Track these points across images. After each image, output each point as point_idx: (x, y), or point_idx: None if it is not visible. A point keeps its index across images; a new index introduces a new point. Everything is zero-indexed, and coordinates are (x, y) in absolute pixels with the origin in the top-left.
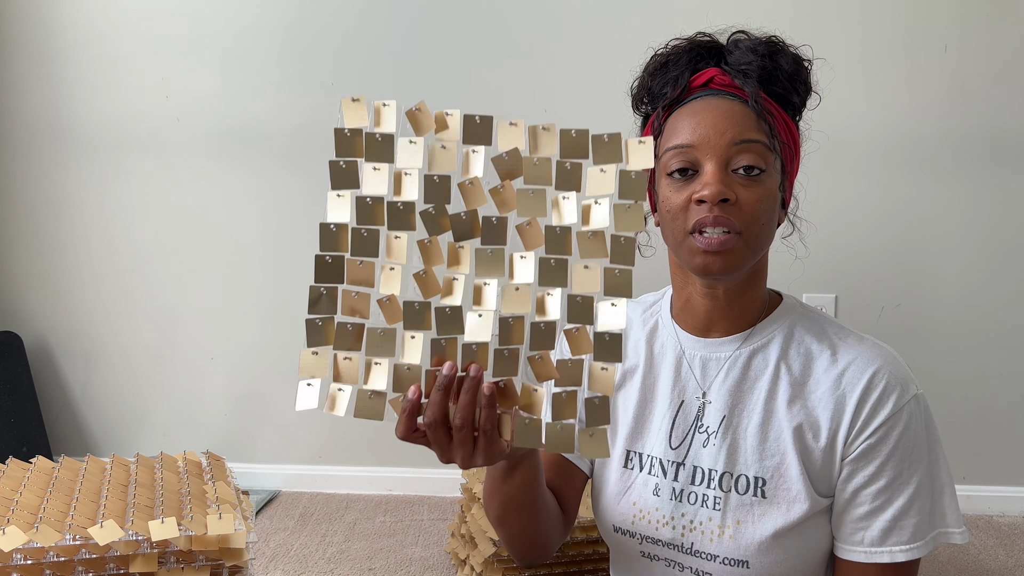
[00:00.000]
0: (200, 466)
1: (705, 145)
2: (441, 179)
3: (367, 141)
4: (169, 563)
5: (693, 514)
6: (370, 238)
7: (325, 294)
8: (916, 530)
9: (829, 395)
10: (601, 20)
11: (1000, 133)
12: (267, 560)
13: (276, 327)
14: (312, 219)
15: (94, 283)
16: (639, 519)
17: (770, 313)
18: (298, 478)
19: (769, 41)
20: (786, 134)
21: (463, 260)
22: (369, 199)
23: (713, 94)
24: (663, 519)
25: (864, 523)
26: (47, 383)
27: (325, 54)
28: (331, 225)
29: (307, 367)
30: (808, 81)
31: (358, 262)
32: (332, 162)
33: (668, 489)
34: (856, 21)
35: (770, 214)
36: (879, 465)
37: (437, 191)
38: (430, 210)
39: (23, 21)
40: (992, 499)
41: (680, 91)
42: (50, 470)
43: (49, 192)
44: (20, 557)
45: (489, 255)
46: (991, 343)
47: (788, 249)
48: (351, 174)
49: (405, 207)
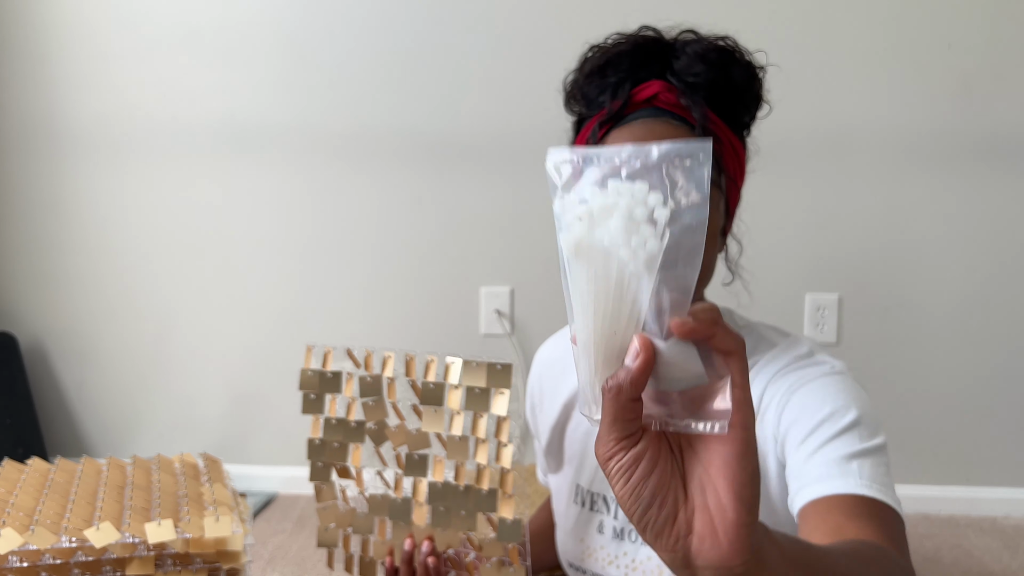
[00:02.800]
0: (197, 468)
1: None
2: (376, 402)
3: (321, 378)
4: (166, 566)
5: (634, 552)
6: (340, 448)
7: (325, 488)
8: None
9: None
10: (602, 20)
11: (1005, 132)
12: (265, 563)
13: (274, 328)
14: (310, 219)
15: (90, 284)
16: (587, 556)
17: None
18: (296, 480)
19: (722, 47)
20: (733, 164)
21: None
22: (333, 420)
23: (656, 114)
24: (608, 557)
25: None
26: (43, 384)
27: (324, 52)
28: (314, 440)
29: (323, 538)
30: (760, 94)
31: (337, 466)
32: (303, 393)
33: (610, 527)
34: (859, 19)
35: (708, 256)
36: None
37: (375, 411)
38: (372, 426)
39: (18, 20)
40: (996, 501)
41: (620, 105)
42: (46, 472)
43: (45, 192)
44: (16, 560)
45: (415, 459)
46: (995, 343)
47: (731, 296)
48: (319, 402)
49: (358, 425)
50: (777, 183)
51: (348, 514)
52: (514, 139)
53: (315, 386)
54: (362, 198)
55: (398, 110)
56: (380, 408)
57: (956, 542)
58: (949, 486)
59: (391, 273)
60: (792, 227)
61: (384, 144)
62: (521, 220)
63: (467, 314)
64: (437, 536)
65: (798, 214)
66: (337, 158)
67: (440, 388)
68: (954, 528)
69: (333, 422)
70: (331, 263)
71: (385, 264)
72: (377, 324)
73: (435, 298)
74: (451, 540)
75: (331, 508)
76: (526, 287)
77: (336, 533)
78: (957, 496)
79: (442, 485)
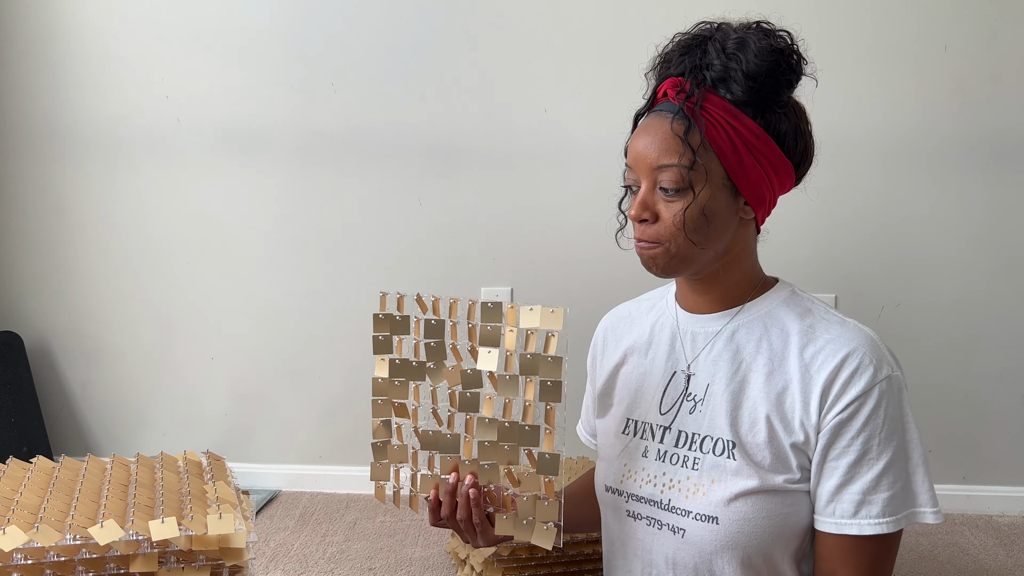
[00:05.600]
0: (200, 466)
1: (638, 167)
2: (438, 343)
3: (391, 321)
4: (169, 563)
5: (674, 473)
6: (401, 386)
7: (382, 425)
8: (886, 505)
9: (802, 372)
10: (601, 20)
11: (1000, 133)
12: (267, 560)
13: (276, 327)
14: (312, 219)
15: (94, 283)
16: (627, 478)
17: (761, 294)
18: (298, 478)
19: (739, 39)
20: (725, 141)
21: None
22: (397, 360)
23: (661, 110)
24: (647, 477)
25: (836, 495)
26: (47, 383)
27: (325, 54)
28: (378, 378)
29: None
30: (776, 73)
31: (395, 403)
32: (374, 335)
33: (655, 451)
34: (857, 22)
35: (696, 223)
36: (850, 439)
37: (436, 352)
38: (432, 365)
39: (23, 21)
40: (992, 499)
41: (648, 102)
42: (50, 470)
43: (49, 192)
44: (20, 557)
45: (468, 397)
46: (991, 343)
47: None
48: (387, 343)
49: (419, 364)
50: None
51: (401, 450)
52: (514, 139)
53: (386, 328)
54: (363, 198)
55: (398, 111)
56: (441, 349)
57: (952, 540)
58: (945, 484)
59: (392, 273)
60: (789, 227)
61: (384, 145)
62: (521, 220)
63: None
64: (480, 472)
65: (794, 214)
66: (338, 159)
67: (497, 330)
68: (950, 526)
69: (397, 362)
70: (333, 263)
71: (386, 264)
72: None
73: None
74: (492, 476)
75: (386, 444)
76: (526, 287)
77: (387, 468)
78: (953, 494)
79: (489, 420)
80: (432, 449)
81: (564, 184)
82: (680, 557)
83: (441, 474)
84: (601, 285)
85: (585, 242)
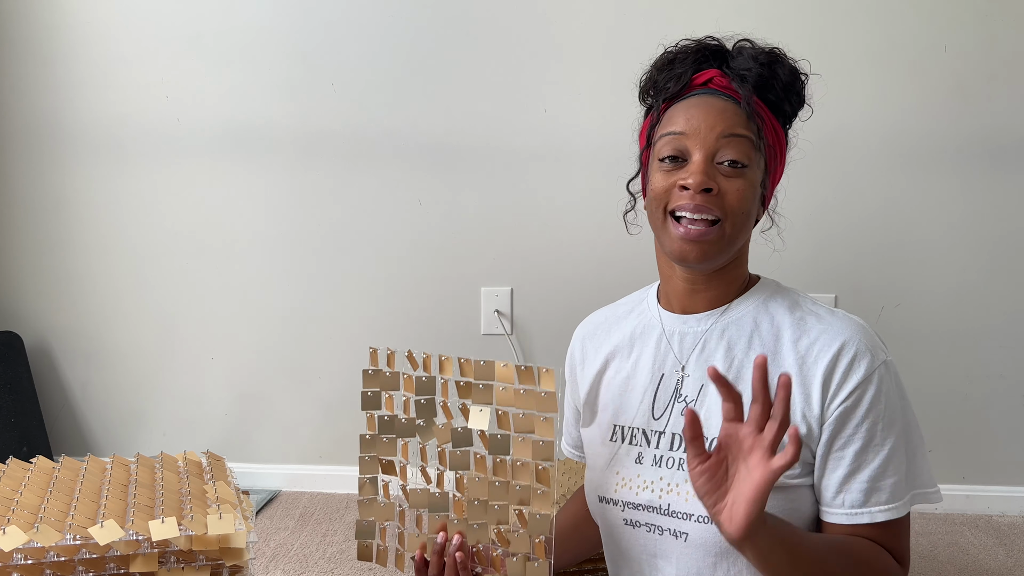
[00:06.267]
0: (200, 466)
1: (695, 135)
2: (428, 400)
3: (381, 377)
4: (169, 563)
5: (670, 477)
6: (390, 443)
7: (369, 482)
8: (894, 490)
9: (799, 365)
10: (601, 20)
11: (1000, 133)
12: (267, 560)
13: (276, 327)
14: (313, 219)
15: (94, 283)
16: (621, 486)
17: (747, 291)
18: (298, 478)
19: (770, 52)
20: (773, 137)
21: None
22: (387, 416)
23: (711, 93)
24: (644, 484)
25: (844, 486)
26: (47, 383)
27: (325, 54)
28: (366, 434)
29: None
30: (802, 93)
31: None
32: (363, 391)
33: (650, 456)
34: (857, 22)
35: (749, 206)
36: (854, 427)
37: (426, 409)
38: (422, 423)
39: (23, 21)
40: (992, 499)
41: (682, 87)
42: (50, 470)
43: (49, 192)
44: (20, 557)
45: (458, 455)
46: (990, 343)
47: (767, 242)
48: (375, 399)
49: (408, 421)
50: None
51: (388, 508)
52: (514, 139)
53: (375, 384)
54: (363, 199)
55: (399, 112)
56: (431, 406)
57: (952, 539)
58: (945, 484)
59: (392, 273)
60: (789, 227)
61: (385, 145)
62: (521, 220)
63: (467, 314)
64: (469, 531)
65: (795, 214)
66: (338, 159)
67: (489, 389)
68: (950, 525)
69: (386, 418)
70: (333, 263)
71: (386, 264)
72: (378, 324)
73: (435, 298)
74: (481, 536)
75: (372, 502)
76: (526, 287)
77: (373, 526)
78: (953, 494)
79: (479, 479)
80: (420, 507)
81: (564, 184)
82: (684, 561)
83: (429, 533)
84: (601, 285)
85: (585, 242)
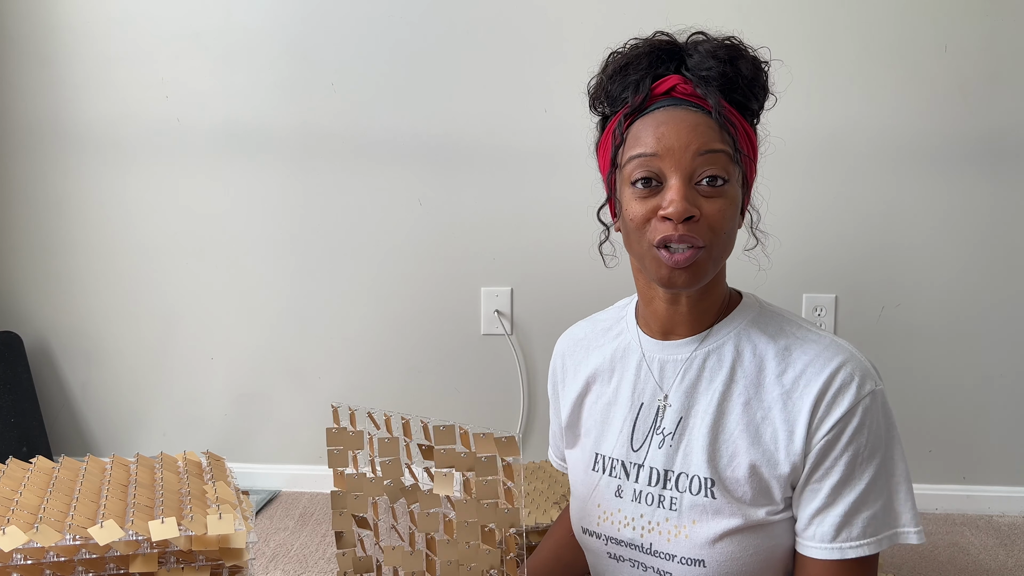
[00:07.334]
0: (200, 466)
1: (669, 156)
2: (392, 462)
3: (344, 436)
4: (169, 563)
5: (651, 515)
6: (360, 500)
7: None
8: (867, 526)
9: (784, 400)
10: (601, 20)
11: (1001, 133)
12: (267, 560)
13: (276, 327)
14: (312, 220)
15: (94, 283)
16: (603, 520)
17: (728, 314)
18: (298, 478)
19: (728, 45)
20: (747, 144)
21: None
22: (355, 475)
23: (675, 103)
24: (624, 520)
25: (817, 518)
26: (47, 383)
27: (325, 54)
28: (337, 491)
29: None
30: (766, 84)
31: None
32: (328, 449)
33: (630, 491)
34: (857, 22)
35: (732, 224)
36: (833, 460)
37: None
38: (389, 483)
39: (23, 21)
40: (992, 499)
41: (642, 99)
42: (50, 470)
43: (49, 192)
44: (20, 557)
45: (427, 516)
46: (991, 343)
47: (751, 261)
48: (342, 457)
49: (376, 480)
50: (774, 184)
51: (365, 561)
52: (514, 139)
53: (340, 442)
54: (363, 199)
55: (399, 112)
56: (396, 467)
57: (952, 540)
58: (945, 484)
59: (392, 273)
60: (789, 227)
61: (385, 145)
62: (521, 220)
63: (467, 314)
64: None
65: (795, 214)
66: (338, 159)
67: (452, 453)
68: (950, 526)
69: (355, 477)
70: (332, 263)
71: (386, 264)
72: (378, 324)
73: (435, 298)
74: None
75: (349, 554)
76: (526, 287)
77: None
78: (953, 494)
79: (450, 541)
80: (395, 564)
81: (564, 184)
82: None
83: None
84: (601, 285)
85: (585, 242)
